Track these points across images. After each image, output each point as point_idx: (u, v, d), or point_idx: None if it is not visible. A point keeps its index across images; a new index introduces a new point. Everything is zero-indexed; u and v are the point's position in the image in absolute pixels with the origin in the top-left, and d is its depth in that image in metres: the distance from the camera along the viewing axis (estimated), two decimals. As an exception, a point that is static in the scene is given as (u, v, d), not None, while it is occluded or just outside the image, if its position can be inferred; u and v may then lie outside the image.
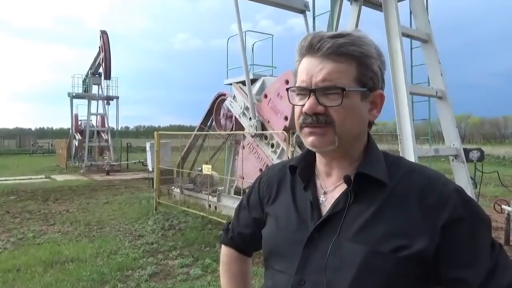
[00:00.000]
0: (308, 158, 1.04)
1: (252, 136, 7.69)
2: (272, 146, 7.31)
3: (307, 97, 0.90)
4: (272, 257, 1.01)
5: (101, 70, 21.16)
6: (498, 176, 8.77)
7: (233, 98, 8.44)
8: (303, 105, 0.91)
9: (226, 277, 1.24)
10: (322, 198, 0.97)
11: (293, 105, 0.96)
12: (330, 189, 0.98)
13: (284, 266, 0.95)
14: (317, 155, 1.01)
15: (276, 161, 6.88)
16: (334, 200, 0.94)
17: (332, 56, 0.88)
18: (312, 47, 0.90)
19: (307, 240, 0.91)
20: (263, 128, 7.56)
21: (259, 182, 1.16)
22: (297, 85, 0.94)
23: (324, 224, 0.91)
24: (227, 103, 8.65)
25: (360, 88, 0.90)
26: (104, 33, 21.02)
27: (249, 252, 1.27)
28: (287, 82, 7.14)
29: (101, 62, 21.02)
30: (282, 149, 7.00)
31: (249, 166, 7.57)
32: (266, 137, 7.47)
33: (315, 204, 0.96)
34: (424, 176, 0.91)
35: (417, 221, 0.85)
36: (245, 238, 1.21)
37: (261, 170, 7.04)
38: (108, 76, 21.22)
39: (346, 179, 0.91)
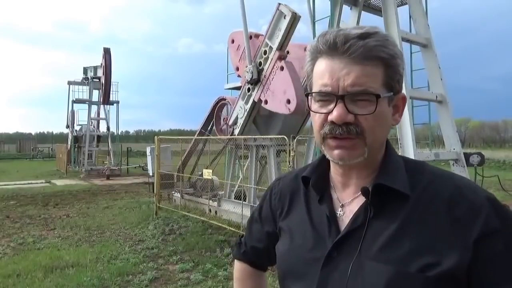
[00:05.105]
0: (322, 168, 0.95)
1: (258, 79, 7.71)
2: (265, 53, 7.45)
3: (332, 104, 0.81)
4: (288, 277, 0.93)
5: (100, 73, 20.91)
6: (498, 180, 8.78)
7: (235, 119, 8.52)
8: (326, 113, 0.82)
9: None
10: (339, 211, 0.89)
11: (312, 113, 0.86)
12: (348, 201, 0.89)
13: (302, 287, 0.88)
14: (332, 164, 0.92)
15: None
16: (352, 214, 0.86)
17: (359, 59, 0.78)
18: (337, 48, 0.79)
19: (325, 259, 0.84)
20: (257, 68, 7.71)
21: (270, 193, 1.08)
22: (317, 89, 0.83)
23: (343, 241, 0.84)
24: (236, 131, 8.66)
25: (388, 92, 0.82)
26: (107, 52, 19.26)
27: (264, 267, 1.19)
28: (232, 41, 8.22)
29: (101, 86, 20.25)
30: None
31: (277, 85, 7.19)
32: (260, 64, 7.59)
33: (332, 219, 0.88)
34: (451, 184, 0.83)
35: (445, 235, 0.77)
36: (258, 252, 1.13)
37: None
38: (106, 101, 20.48)
39: (364, 192, 0.83)
